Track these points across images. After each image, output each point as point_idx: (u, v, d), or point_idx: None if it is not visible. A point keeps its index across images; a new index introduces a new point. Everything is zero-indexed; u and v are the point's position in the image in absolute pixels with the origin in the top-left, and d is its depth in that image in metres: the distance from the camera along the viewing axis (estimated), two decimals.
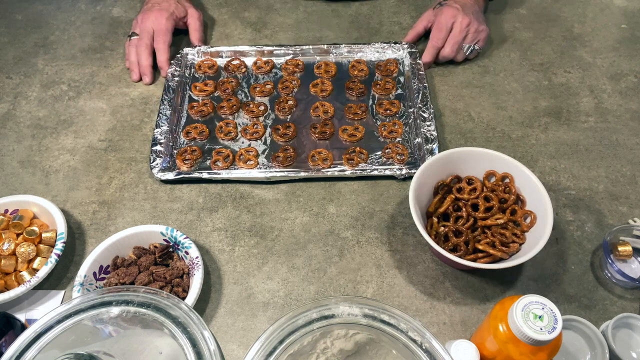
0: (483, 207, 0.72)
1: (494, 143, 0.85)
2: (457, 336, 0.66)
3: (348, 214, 0.77)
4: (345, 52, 0.97)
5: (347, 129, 0.86)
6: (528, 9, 1.07)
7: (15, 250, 0.71)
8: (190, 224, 0.77)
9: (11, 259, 0.70)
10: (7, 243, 0.71)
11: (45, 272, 0.68)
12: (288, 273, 0.72)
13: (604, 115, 0.89)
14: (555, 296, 0.69)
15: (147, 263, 0.69)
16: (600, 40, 1.01)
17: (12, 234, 0.72)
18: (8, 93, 0.94)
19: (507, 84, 0.94)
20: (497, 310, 0.56)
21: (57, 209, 0.73)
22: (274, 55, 0.97)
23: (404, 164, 0.81)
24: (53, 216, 0.73)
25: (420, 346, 0.48)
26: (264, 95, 0.91)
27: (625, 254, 0.71)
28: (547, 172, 0.82)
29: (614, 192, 0.79)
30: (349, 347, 0.51)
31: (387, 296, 0.70)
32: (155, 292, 0.49)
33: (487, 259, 0.68)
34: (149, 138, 0.87)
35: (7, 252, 0.70)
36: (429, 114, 0.85)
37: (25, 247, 0.71)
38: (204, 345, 0.46)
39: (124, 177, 0.82)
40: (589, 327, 0.63)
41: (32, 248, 0.71)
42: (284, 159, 0.81)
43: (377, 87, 0.92)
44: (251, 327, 0.67)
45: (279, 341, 0.48)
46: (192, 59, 0.97)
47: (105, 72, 0.97)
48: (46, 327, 0.47)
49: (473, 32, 0.93)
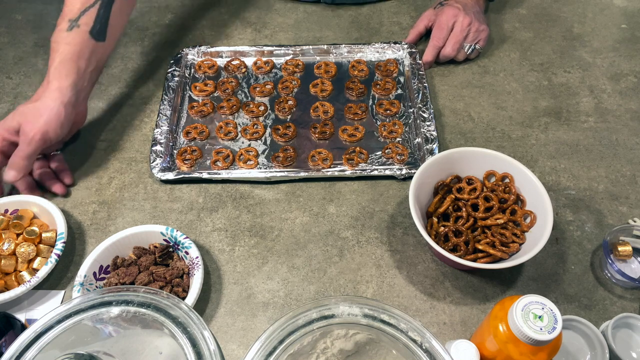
0: (483, 207, 0.72)
1: (494, 143, 0.85)
2: (457, 336, 0.66)
3: (348, 214, 0.78)
4: (345, 52, 0.97)
5: (347, 129, 0.86)
6: (528, 9, 1.07)
7: (15, 250, 0.71)
8: (190, 224, 0.77)
9: (11, 259, 0.70)
10: (7, 243, 0.71)
11: (45, 272, 0.68)
12: (288, 273, 0.72)
13: (603, 115, 0.89)
14: (555, 296, 0.69)
15: (147, 263, 0.69)
16: (600, 40, 1.01)
17: (12, 234, 0.72)
18: (8, 93, 0.94)
19: (507, 84, 0.94)
20: (497, 310, 0.56)
21: (57, 209, 0.73)
22: (274, 55, 0.97)
23: (404, 164, 0.81)
24: (53, 216, 0.73)
25: (420, 346, 0.48)
26: (264, 95, 0.91)
27: (625, 254, 0.71)
28: (547, 172, 0.82)
29: (614, 192, 0.79)
30: (349, 347, 0.51)
31: (387, 296, 0.70)
32: (155, 292, 0.49)
33: (487, 259, 0.68)
34: (149, 138, 0.87)
35: (7, 252, 0.70)
36: (429, 114, 0.85)
37: (25, 247, 0.71)
38: (204, 345, 0.46)
39: (124, 177, 0.82)
40: (589, 327, 0.63)
41: (32, 248, 0.71)
42: (284, 159, 0.81)
43: (377, 87, 0.92)
44: (251, 327, 0.67)
45: (279, 341, 0.48)
46: (192, 59, 0.97)
47: (105, 72, 0.97)
48: (46, 327, 0.47)
49: (474, 31, 0.93)
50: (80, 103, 0.79)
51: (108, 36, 0.79)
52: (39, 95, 0.75)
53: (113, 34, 0.80)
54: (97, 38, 0.77)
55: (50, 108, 0.73)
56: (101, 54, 0.79)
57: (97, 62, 0.79)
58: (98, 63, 0.79)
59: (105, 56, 0.81)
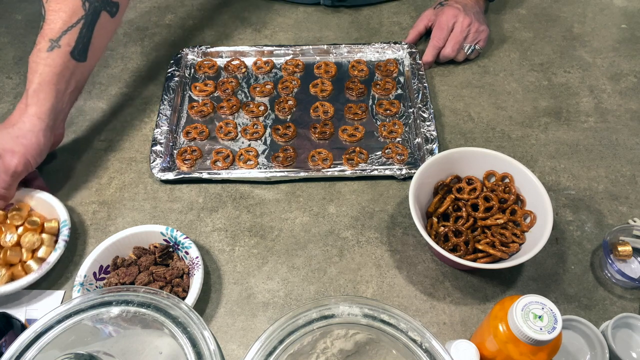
0: (483, 207, 0.72)
1: (494, 143, 0.85)
2: (457, 336, 0.66)
3: (348, 214, 0.78)
4: (345, 52, 0.97)
5: (347, 129, 0.86)
6: (528, 9, 1.07)
7: (20, 240, 0.70)
8: (190, 224, 0.77)
9: (16, 250, 0.70)
10: (10, 234, 0.70)
11: (55, 258, 0.68)
12: (288, 273, 0.72)
13: (603, 115, 0.89)
14: (555, 296, 0.69)
15: (147, 263, 0.69)
16: (600, 40, 1.01)
17: (11, 226, 0.71)
18: (8, 93, 0.94)
19: (507, 84, 0.94)
20: (497, 310, 0.56)
21: (55, 199, 0.74)
22: (274, 55, 0.97)
23: (404, 164, 0.81)
24: (53, 206, 0.73)
25: (420, 346, 0.48)
26: (264, 95, 0.91)
27: (625, 254, 0.71)
28: (547, 172, 0.82)
29: (613, 192, 0.79)
30: (349, 347, 0.51)
31: (387, 296, 0.70)
32: (155, 292, 0.49)
33: (487, 259, 0.68)
34: (149, 138, 0.87)
35: (10, 243, 0.70)
36: (429, 114, 0.86)
37: (30, 237, 0.70)
38: (204, 345, 0.46)
39: (124, 177, 0.82)
40: (589, 327, 0.63)
41: (37, 237, 0.71)
42: (284, 159, 0.81)
43: (377, 87, 0.92)
44: (251, 327, 0.67)
45: (279, 341, 0.48)
46: (192, 59, 0.97)
47: (105, 72, 0.97)
48: (46, 327, 0.47)
49: (474, 32, 0.93)
50: (59, 125, 0.78)
51: (89, 56, 0.76)
52: (15, 119, 0.72)
53: (95, 53, 0.77)
54: (78, 59, 0.74)
55: (30, 137, 0.71)
56: (81, 74, 0.77)
57: (76, 82, 0.76)
58: (78, 84, 0.77)
59: (86, 75, 0.79)
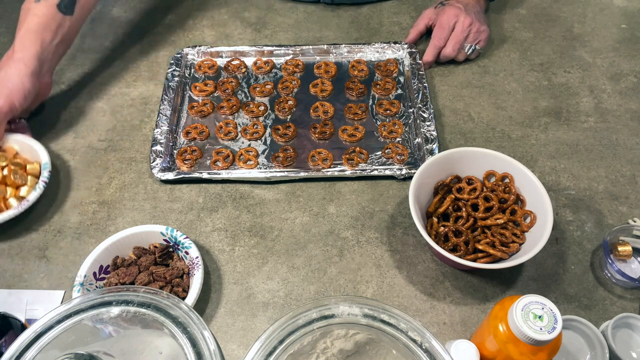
0: (483, 207, 0.72)
1: (494, 143, 0.85)
2: (457, 336, 0.66)
3: (348, 214, 0.78)
4: (345, 52, 0.97)
5: (347, 129, 0.86)
6: (528, 9, 1.07)
7: (6, 179, 0.73)
8: (190, 224, 0.77)
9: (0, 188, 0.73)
10: None
11: (35, 197, 0.73)
12: (288, 273, 0.72)
13: (603, 115, 0.89)
14: (555, 296, 0.69)
15: (147, 263, 0.69)
16: (600, 40, 1.01)
17: None
18: None
19: (507, 84, 0.94)
20: (497, 310, 0.56)
21: (38, 143, 0.78)
22: (274, 55, 0.97)
23: (404, 164, 0.81)
24: (36, 150, 0.77)
25: (420, 346, 0.48)
26: (264, 95, 0.91)
27: (625, 254, 0.71)
28: (547, 172, 0.82)
29: (613, 192, 0.79)
30: (349, 347, 0.51)
31: (387, 296, 0.70)
32: (155, 292, 0.49)
33: (487, 259, 0.68)
34: (149, 138, 0.87)
35: None
36: (429, 114, 0.86)
37: (16, 175, 0.74)
38: (204, 345, 0.46)
39: (124, 177, 0.82)
40: (589, 327, 0.63)
41: (23, 176, 0.74)
42: (284, 159, 0.81)
43: (377, 87, 0.92)
44: (251, 327, 0.67)
45: (279, 341, 0.48)
46: (192, 59, 0.97)
47: (105, 72, 0.97)
48: (46, 327, 0.47)
49: (475, 32, 0.93)
50: (45, 74, 0.82)
51: (77, 10, 0.82)
52: (2, 64, 0.78)
53: (83, 8, 0.83)
54: (65, 12, 0.80)
55: (15, 80, 0.76)
56: (69, 27, 0.82)
57: (63, 35, 0.81)
58: (65, 36, 0.82)
59: (74, 29, 0.84)
